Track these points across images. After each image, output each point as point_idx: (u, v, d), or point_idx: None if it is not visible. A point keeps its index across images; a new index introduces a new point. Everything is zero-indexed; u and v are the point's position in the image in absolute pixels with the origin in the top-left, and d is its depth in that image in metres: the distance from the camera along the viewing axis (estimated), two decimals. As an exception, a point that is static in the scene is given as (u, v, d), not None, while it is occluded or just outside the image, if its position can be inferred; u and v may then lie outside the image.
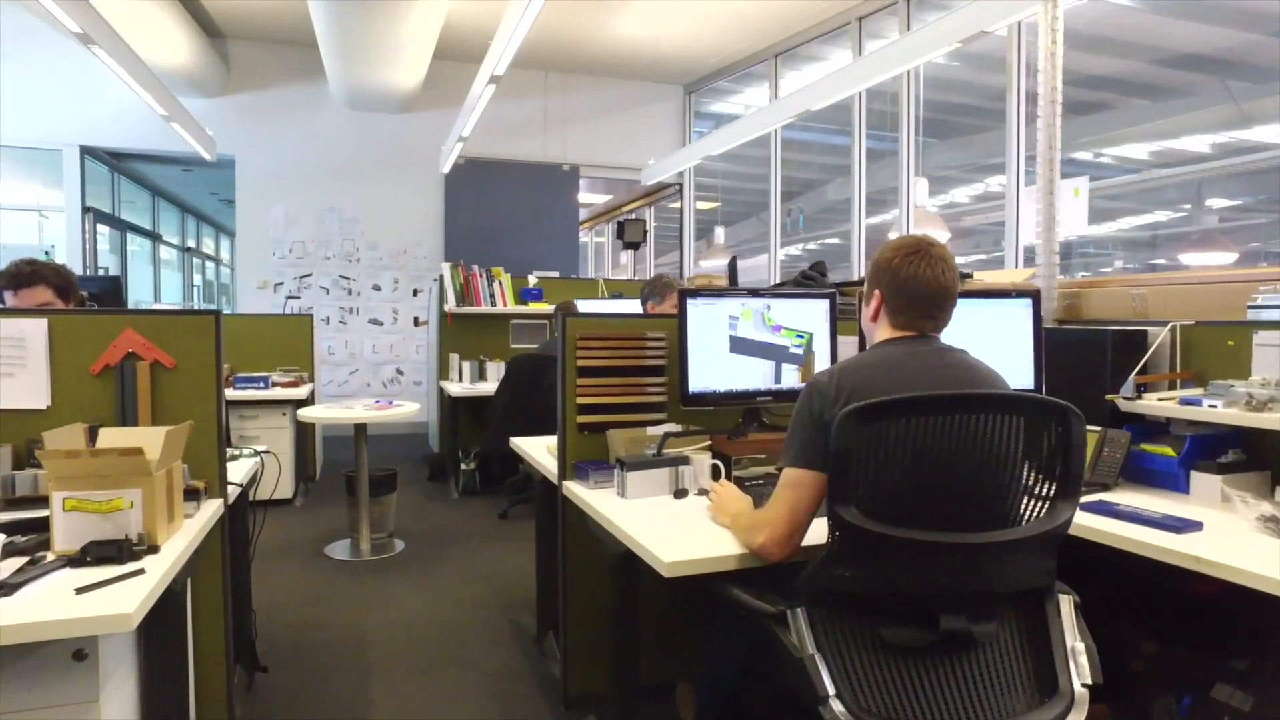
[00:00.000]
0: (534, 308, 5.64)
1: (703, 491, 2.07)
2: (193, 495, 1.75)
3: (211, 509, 1.81)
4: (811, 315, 2.37)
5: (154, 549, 1.47)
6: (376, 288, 7.56)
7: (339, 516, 4.45)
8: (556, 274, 6.69)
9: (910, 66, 4.76)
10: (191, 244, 12.97)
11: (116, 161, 7.96)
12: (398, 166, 7.55)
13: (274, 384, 4.82)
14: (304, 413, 3.98)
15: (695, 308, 2.23)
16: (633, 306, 5.38)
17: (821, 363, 2.36)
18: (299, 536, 4.18)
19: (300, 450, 5.01)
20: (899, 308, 1.60)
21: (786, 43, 6.97)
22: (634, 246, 8.79)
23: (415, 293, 7.64)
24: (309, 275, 7.34)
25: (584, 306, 5.03)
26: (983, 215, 10.27)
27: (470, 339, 5.69)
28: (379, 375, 7.60)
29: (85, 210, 6.96)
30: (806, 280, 4.03)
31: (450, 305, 5.39)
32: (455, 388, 5.19)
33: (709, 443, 2.17)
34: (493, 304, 5.52)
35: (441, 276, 5.51)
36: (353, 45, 5.78)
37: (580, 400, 2.27)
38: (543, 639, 2.80)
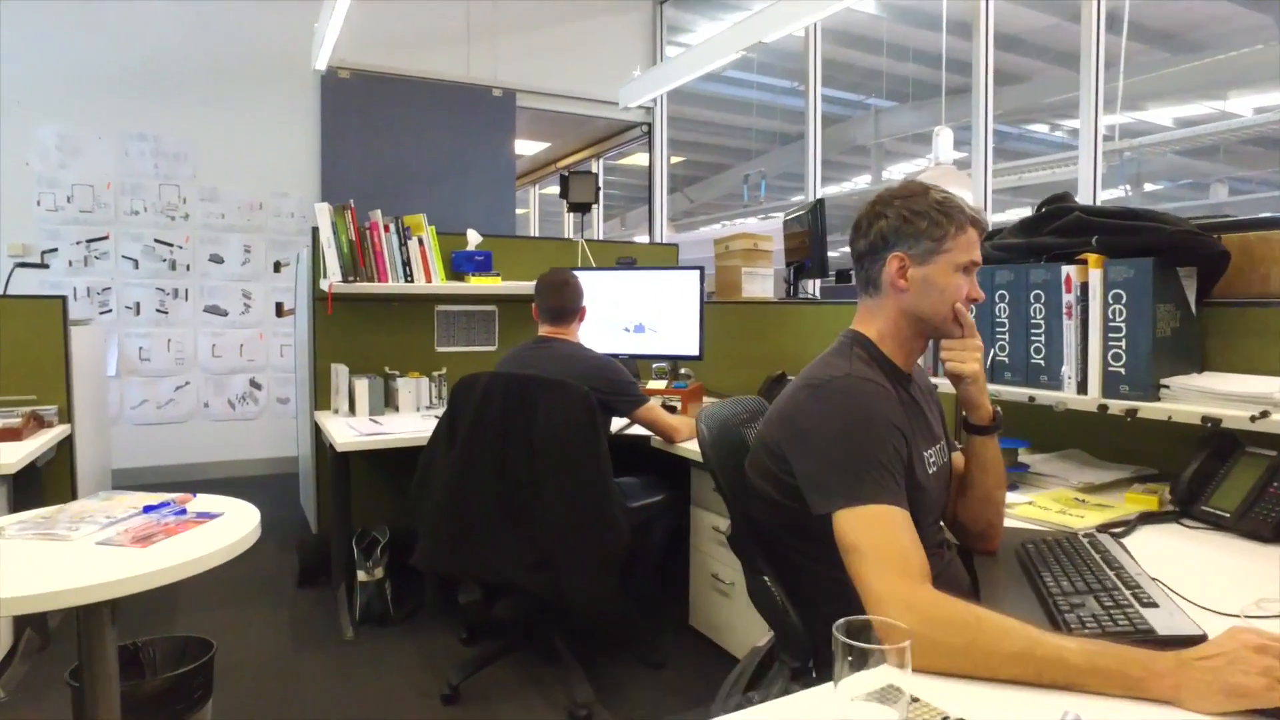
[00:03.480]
0: (476, 284, 3.34)
1: None
2: None
3: None
4: None
5: None
6: (217, 259, 5.02)
7: None
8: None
9: None
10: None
11: None
12: (249, 78, 5.02)
13: (-48, 441, 2.37)
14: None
15: None
16: (660, 281, 3.18)
17: None
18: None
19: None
20: None
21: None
22: (582, 208, 6.55)
23: (278, 267, 5.15)
24: (103, 238, 4.73)
25: (591, 281, 2.81)
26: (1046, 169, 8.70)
27: (366, 339, 3.35)
28: (224, 390, 5.08)
29: None
30: (1079, 221, 1.94)
31: (331, 279, 3.01)
32: (342, 429, 2.83)
33: None
34: (408, 277, 3.18)
35: (315, 231, 3.12)
36: None
37: None
38: None
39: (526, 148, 7.78)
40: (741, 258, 3.78)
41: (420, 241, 3.21)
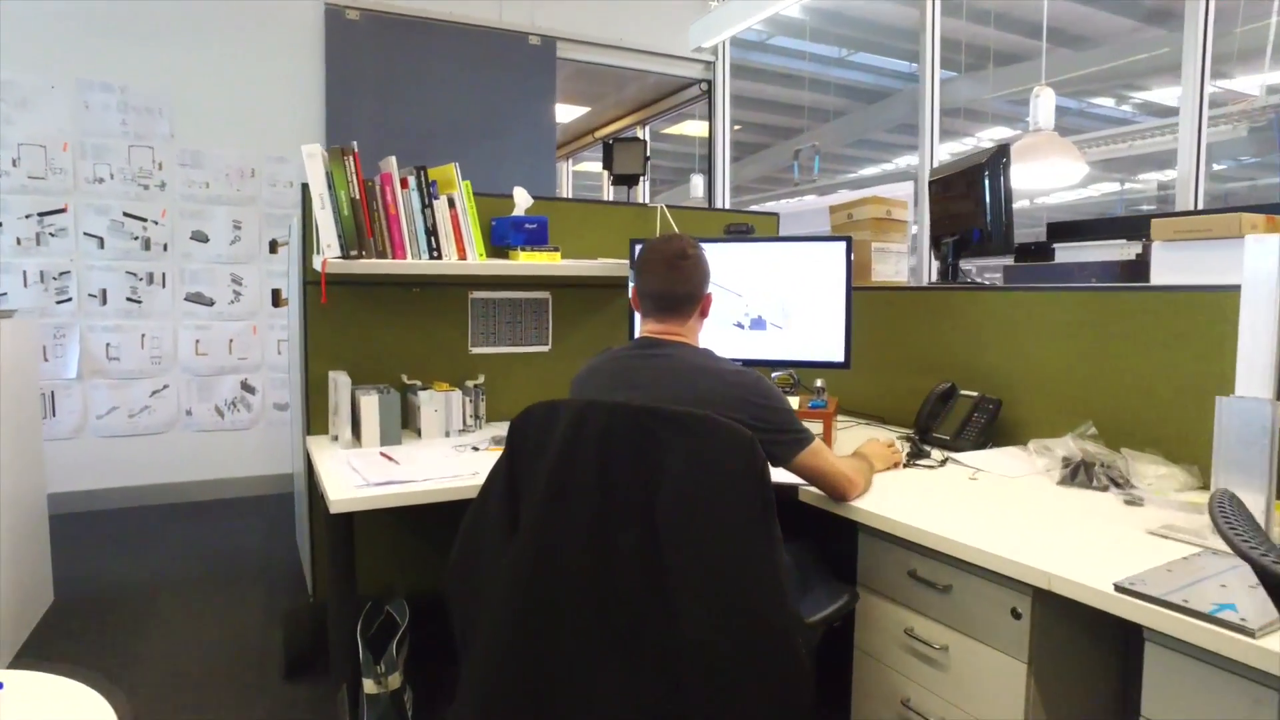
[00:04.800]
0: (527, 261, 2.43)
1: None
2: None
3: None
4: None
5: None
6: (200, 237, 4.16)
7: None
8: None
9: None
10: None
11: None
12: (239, 17, 4.14)
13: None
14: None
15: None
16: (789, 257, 2.28)
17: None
18: None
19: None
20: None
21: None
22: (629, 181, 5.66)
23: (274, 246, 4.29)
24: (59, 211, 3.88)
25: (720, 257, 1.90)
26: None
27: (375, 337, 2.46)
28: (212, 394, 4.23)
29: None
30: None
31: (324, 254, 2.12)
32: (340, 471, 1.94)
33: None
34: (433, 252, 2.28)
35: (305, 189, 2.22)
36: None
37: None
38: None
39: (561, 113, 6.87)
40: (870, 229, 2.87)
41: (450, 203, 2.31)
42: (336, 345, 2.40)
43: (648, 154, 5.90)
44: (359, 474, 1.88)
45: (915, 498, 1.75)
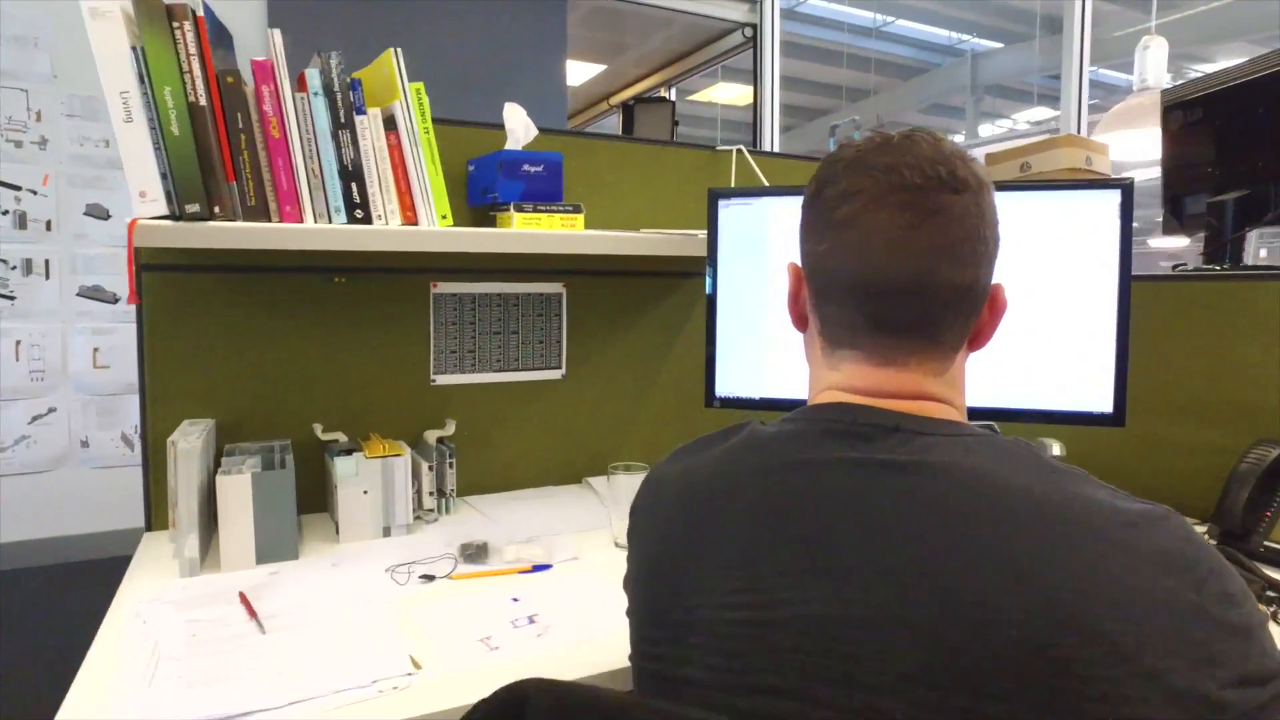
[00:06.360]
0: (526, 229, 1.39)
1: None
2: None
3: None
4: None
5: None
6: (98, 212, 3.15)
7: None
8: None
9: None
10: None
11: None
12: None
13: None
14: None
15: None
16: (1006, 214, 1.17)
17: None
18: None
19: None
20: None
21: None
22: (652, 151, 4.65)
23: (197, 225, 3.27)
24: (-108, 174, 2.88)
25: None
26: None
27: (265, 360, 1.44)
28: (116, 419, 3.22)
29: None
30: None
31: (142, 209, 1.09)
32: (123, 661, 0.92)
33: None
34: (356, 209, 1.25)
35: (125, 103, 1.19)
36: None
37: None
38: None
39: (570, 73, 5.85)
40: (1063, 184, 1.84)
41: (389, 123, 1.29)
42: (199, 376, 1.38)
43: (676, 118, 4.84)
44: (163, 670, 0.86)
45: None
